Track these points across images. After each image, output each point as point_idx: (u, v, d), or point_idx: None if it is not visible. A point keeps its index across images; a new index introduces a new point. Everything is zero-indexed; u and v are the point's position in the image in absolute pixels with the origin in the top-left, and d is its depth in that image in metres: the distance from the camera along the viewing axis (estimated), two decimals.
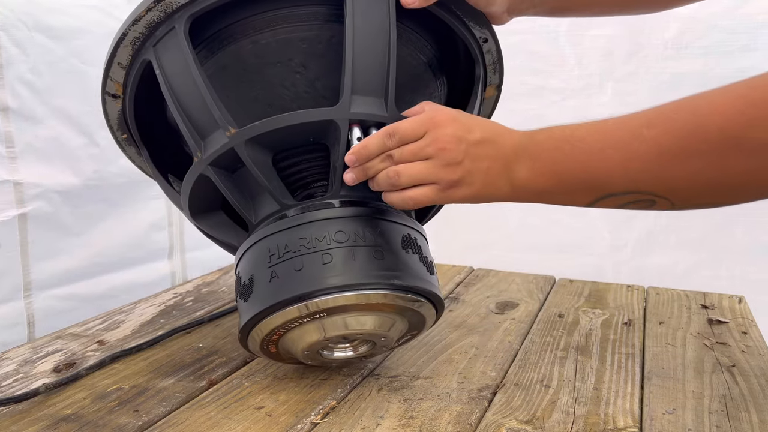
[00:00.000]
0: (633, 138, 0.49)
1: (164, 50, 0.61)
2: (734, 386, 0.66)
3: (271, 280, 0.57)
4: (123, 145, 0.75)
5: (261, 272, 0.58)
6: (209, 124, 0.60)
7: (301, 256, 0.57)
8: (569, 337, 0.79)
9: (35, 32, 0.85)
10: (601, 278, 1.06)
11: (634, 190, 0.50)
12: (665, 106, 0.49)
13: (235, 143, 0.59)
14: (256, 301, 0.58)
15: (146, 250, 1.07)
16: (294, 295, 0.56)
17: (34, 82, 0.85)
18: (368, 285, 0.56)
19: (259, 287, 0.58)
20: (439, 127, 0.56)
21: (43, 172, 0.88)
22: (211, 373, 0.69)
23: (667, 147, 0.47)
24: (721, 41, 1.18)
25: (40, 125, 0.87)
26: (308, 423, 0.57)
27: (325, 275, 0.56)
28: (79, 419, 0.59)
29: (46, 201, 0.88)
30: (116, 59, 0.64)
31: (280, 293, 0.56)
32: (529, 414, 0.59)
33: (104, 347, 0.76)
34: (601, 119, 0.52)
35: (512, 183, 0.55)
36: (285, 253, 0.57)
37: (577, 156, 0.51)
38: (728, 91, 0.46)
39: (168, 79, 0.61)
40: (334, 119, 0.58)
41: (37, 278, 0.88)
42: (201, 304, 0.93)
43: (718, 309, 0.91)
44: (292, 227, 0.58)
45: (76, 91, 0.91)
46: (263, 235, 0.60)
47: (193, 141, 0.61)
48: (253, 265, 0.60)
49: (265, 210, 0.62)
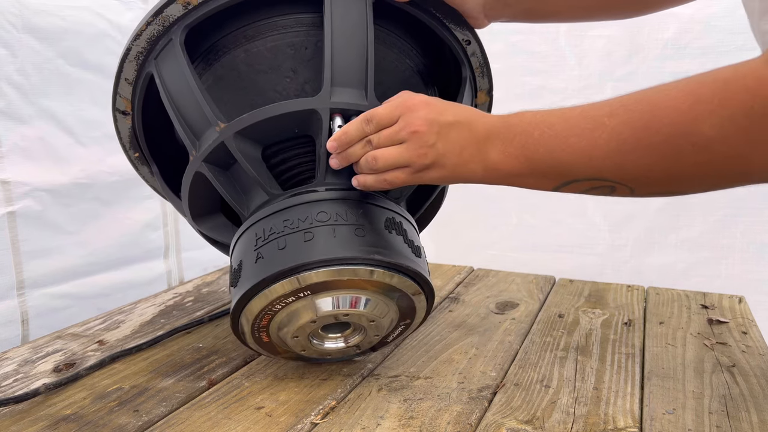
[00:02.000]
0: (595, 127, 0.50)
1: (163, 61, 0.65)
2: (734, 386, 0.66)
3: (257, 261, 0.59)
4: (136, 165, 0.77)
5: (248, 256, 0.60)
6: (202, 123, 0.63)
7: (285, 236, 0.58)
8: (569, 337, 0.79)
9: (24, 34, 0.85)
10: (601, 278, 1.06)
11: (596, 177, 0.52)
12: (628, 96, 0.50)
13: (224, 137, 0.61)
14: (243, 283, 0.59)
15: (141, 250, 1.07)
16: (276, 271, 0.57)
17: (21, 83, 0.86)
18: (348, 260, 0.57)
19: (246, 270, 0.59)
20: (412, 111, 0.57)
21: (30, 171, 0.88)
22: (211, 373, 0.69)
23: (626, 137, 0.49)
24: (719, 42, 1.19)
25: (26, 125, 0.87)
26: (308, 423, 0.57)
27: (306, 251, 0.57)
28: (79, 419, 0.59)
29: (34, 199, 0.89)
30: (123, 75, 0.67)
31: (263, 272, 0.57)
32: (529, 414, 0.59)
33: (104, 347, 0.76)
34: (570, 106, 0.53)
35: (484, 165, 0.56)
36: (270, 234, 0.59)
37: (545, 141, 0.53)
38: (681, 86, 0.47)
39: (166, 86, 0.64)
40: (316, 108, 0.60)
41: (30, 276, 0.89)
42: (201, 304, 0.93)
43: (718, 309, 0.91)
44: (278, 211, 0.60)
45: (63, 92, 0.92)
46: (251, 223, 0.62)
47: (189, 140, 0.63)
48: (241, 252, 0.61)
49: (256, 202, 0.64)
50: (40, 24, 0.87)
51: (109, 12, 0.97)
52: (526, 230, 1.42)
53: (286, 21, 0.65)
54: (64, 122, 0.92)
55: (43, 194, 0.90)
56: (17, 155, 0.86)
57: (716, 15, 1.17)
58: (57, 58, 0.90)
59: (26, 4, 0.85)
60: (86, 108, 0.95)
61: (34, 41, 0.87)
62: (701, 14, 1.17)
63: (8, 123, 0.85)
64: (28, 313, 0.89)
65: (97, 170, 0.97)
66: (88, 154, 0.96)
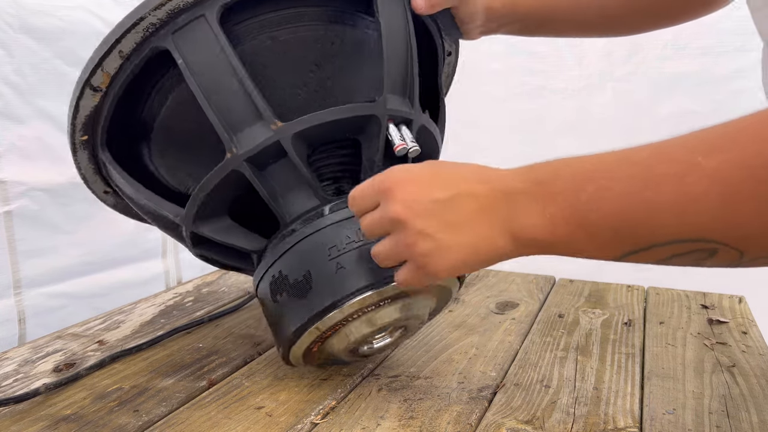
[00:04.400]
0: (687, 171, 0.37)
1: (187, 40, 0.57)
2: (734, 386, 0.66)
3: (337, 272, 0.57)
4: (77, 147, 0.66)
5: (322, 267, 0.57)
6: (246, 117, 0.58)
7: (364, 245, 0.57)
8: (569, 337, 0.79)
9: (20, 34, 0.85)
10: (600, 276, 1.06)
11: (690, 238, 0.38)
12: (718, 127, 0.38)
13: (281, 136, 0.57)
14: (323, 294, 0.57)
15: (139, 249, 1.07)
16: (369, 283, 0.56)
17: (18, 83, 0.86)
18: None
19: (322, 281, 0.57)
20: (390, 192, 0.48)
21: (27, 171, 0.88)
22: (211, 373, 0.69)
23: (737, 181, 0.35)
24: (718, 42, 1.19)
25: (23, 125, 0.87)
26: (308, 423, 0.57)
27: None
28: (80, 419, 0.59)
29: (31, 199, 0.89)
30: (119, 47, 0.58)
31: (353, 283, 0.56)
32: (529, 414, 0.59)
33: (104, 347, 0.76)
34: (630, 148, 0.41)
35: (513, 235, 0.45)
36: (348, 244, 0.57)
37: (607, 198, 0.40)
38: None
39: (193, 68, 0.57)
40: (375, 114, 0.60)
41: (26, 276, 0.89)
42: (201, 304, 0.93)
43: (718, 309, 0.91)
44: (346, 219, 0.58)
45: (60, 92, 0.92)
46: (314, 230, 0.58)
47: (226, 135, 0.58)
48: (305, 261, 0.58)
49: (300, 206, 0.60)
50: (37, 24, 0.87)
51: (105, 12, 0.97)
52: None
53: (315, 11, 0.62)
54: (61, 122, 0.92)
55: (40, 194, 0.90)
56: (14, 155, 0.86)
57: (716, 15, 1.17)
58: (54, 58, 0.90)
59: (23, 5, 0.85)
60: None
61: (31, 41, 0.87)
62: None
63: (5, 123, 0.85)
64: (25, 312, 0.89)
65: None
66: None
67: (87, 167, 0.68)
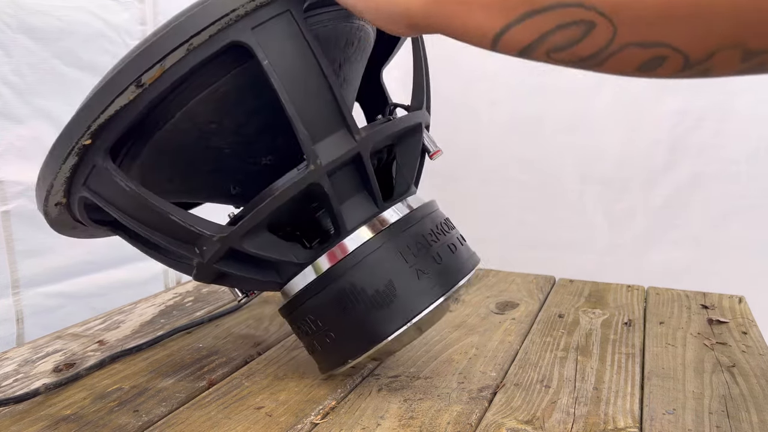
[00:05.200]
0: None
1: (272, 36, 0.52)
2: (734, 386, 0.66)
3: (420, 278, 0.58)
4: (70, 153, 0.56)
5: (402, 274, 0.57)
6: (329, 125, 0.55)
7: (436, 249, 0.59)
8: (569, 337, 0.79)
9: (19, 34, 0.85)
10: (600, 276, 1.06)
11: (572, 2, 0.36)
12: None
13: (362, 148, 0.56)
14: (414, 301, 0.57)
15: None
16: (453, 286, 0.59)
17: (16, 83, 0.86)
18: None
19: (407, 289, 0.57)
20: None
21: (25, 171, 0.88)
22: (212, 373, 0.69)
23: None
24: None
25: (22, 125, 0.87)
26: (308, 423, 0.57)
27: (460, 262, 0.61)
28: (79, 419, 0.59)
29: (29, 199, 0.89)
30: (192, 40, 0.50)
31: (439, 289, 0.58)
32: (529, 414, 0.59)
33: (104, 347, 0.76)
34: None
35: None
36: (419, 250, 0.58)
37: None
38: None
39: (279, 69, 0.52)
40: (421, 122, 0.64)
41: (24, 275, 0.89)
42: (201, 304, 0.93)
43: (718, 309, 0.91)
44: (413, 225, 0.60)
45: (58, 92, 0.92)
46: (384, 240, 0.58)
47: (310, 144, 0.54)
48: (385, 272, 0.57)
49: (358, 215, 0.59)
50: (36, 24, 0.87)
51: (105, 12, 0.96)
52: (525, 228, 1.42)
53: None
54: (60, 122, 0.92)
55: None
56: (12, 155, 0.86)
57: None
58: (52, 58, 0.90)
59: (21, 4, 0.85)
60: None
61: (30, 41, 0.87)
62: None
63: (3, 123, 0.85)
64: (22, 312, 0.89)
65: None
66: None
67: (61, 175, 0.58)
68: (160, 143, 0.58)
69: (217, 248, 0.57)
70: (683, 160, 1.22)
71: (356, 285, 0.58)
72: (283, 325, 0.84)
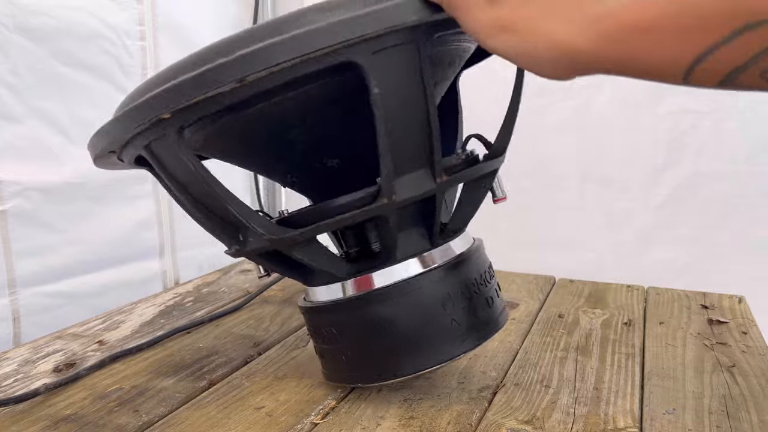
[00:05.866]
0: None
1: (390, 65, 0.49)
2: (734, 386, 0.66)
3: (452, 328, 0.58)
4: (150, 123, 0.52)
5: (437, 321, 0.57)
6: (416, 162, 0.53)
7: (475, 300, 0.60)
8: (569, 337, 0.79)
9: (16, 34, 0.85)
10: (599, 275, 1.06)
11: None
12: None
13: (440, 191, 0.54)
14: (434, 350, 0.57)
15: (135, 249, 1.07)
16: (479, 341, 0.60)
17: (14, 83, 0.86)
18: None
19: (437, 336, 0.57)
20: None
21: (22, 171, 0.88)
22: (212, 373, 0.69)
23: None
24: None
25: (19, 125, 0.87)
26: (308, 423, 0.57)
27: (494, 319, 0.62)
28: (80, 419, 0.59)
29: (26, 199, 0.88)
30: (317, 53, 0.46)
31: (469, 340, 0.58)
32: (529, 414, 0.59)
33: (104, 347, 0.76)
34: None
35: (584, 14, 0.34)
36: (459, 300, 0.58)
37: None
38: None
39: (386, 101, 0.49)
40: (497, 168, 0.63)
41: (21, 275, 0.89)
42: (201, 305, 0.93)
43: (718, 309, 0.91)
44: (460, 271, 0.59)
45: (56, 92, 0.92)
46: (430, 280, 0.58)
47: (390, 178, 0.52)
48: (422, 313, 0.57)
49: (411, 247, 0.58)
50: (33, 24, 0.87)
51: (102, 12, 0.96)
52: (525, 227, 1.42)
53: None
54: (57, 122, 0.92)
55: (35, 193, 0.90)
56: (10, 155, 0.86)
57: None
58: (50, 58, 0.90)
59: (18, 4, 0.85)
60: (79, 108, 0.94)
61: (27, 41, 0.87)
62: None
63: (1, 123, 0.85)
64: (19, 312, 0.89)
65: (89, 170, 0.97)
66: (81, 154, 0.96)
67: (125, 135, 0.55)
68: (235, 125, 0.56)
69: (264, 245, 0.56)
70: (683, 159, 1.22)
71: (390, 317, 0.57)
72: (283, 325, 0.84)
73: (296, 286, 1.01)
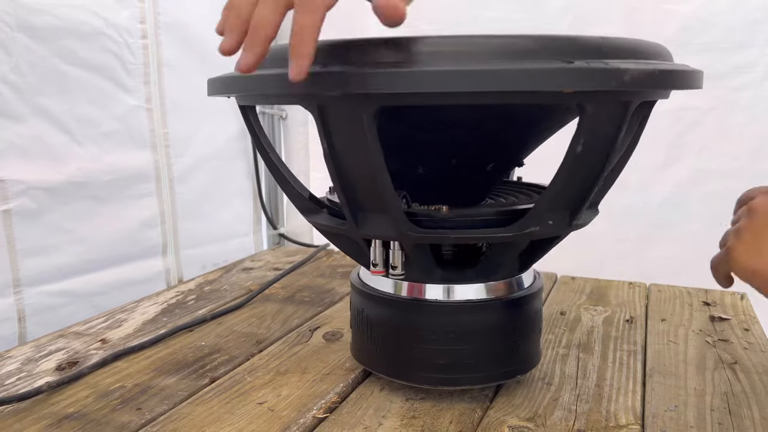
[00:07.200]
0: None
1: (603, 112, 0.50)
2: (736, 383, 0.66)
3: (495, 357, 0.61)
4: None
5: (489, 346, 0.61)
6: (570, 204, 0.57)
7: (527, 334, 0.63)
8: (571, 335, 0.79)
9: (18, 32, 0.85)
10: (602, 273, 1.06)
11: None
12: None
13: (565, 233, 0.60)
14: (468, 374, 0.61)
15: (139, 247, 1.07)
16: (509, 377, 0.64)
17: (16, 81, 0.86)
18: None
19: (479, 362, 0.60)
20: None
21: (25, 170, 0.88)
22: (214, 371, 0.69)
23: None
24: (720, 38, 1.18)
25: (22, 124, 0.87)
26: (310, 417, 0.58)
27: (529, 358, 0.65)
28: (82, 417, 0.59)
29: (30, 198, 0.89)
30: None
31: (502, 375, 0.62)
32: (531, 411, 0.59)
33: (107, 345, 0.77)
34: None
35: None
36: (515, 331, 0.62)
37: None
38: None
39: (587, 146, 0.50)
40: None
41: (26, 274, 0.89)
42: (203, 303, 0.93)
43: (720, 306, 0.91)
44: (529, 303, 0.63)
45: (58, 91, 0.92)
46: (501, 308, 0.61)
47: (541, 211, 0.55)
48: (483, 335, 0.60)
49: (505, 271, 0.62)
50: (35, 22, 0.87)
51: (104, 11, 0.96)
52: None
53: None
54: (60, 121, 0.92)
55: (39, 192, 0.90)
56: (13, 154, 0.86)
57: (716, 11, 1.17)
58: (52, 57, 0.90)
59: (20, 3, 0.85)
60: (82, 106, 0.95)
61: (29, 40, 0.87)
62: (701, 11, 1.17)
63: (3, 122, 0.85)
64: (24, 311, 0.89)
65: (93, 168, 0.97)
66: (84, 153, 0.96)
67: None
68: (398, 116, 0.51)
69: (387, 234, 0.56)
70: (684, 156, 1.21)
71: (451, 330, 0.59)
72: (285, 323, 0.84)
73: (297, 284, 1.01)
